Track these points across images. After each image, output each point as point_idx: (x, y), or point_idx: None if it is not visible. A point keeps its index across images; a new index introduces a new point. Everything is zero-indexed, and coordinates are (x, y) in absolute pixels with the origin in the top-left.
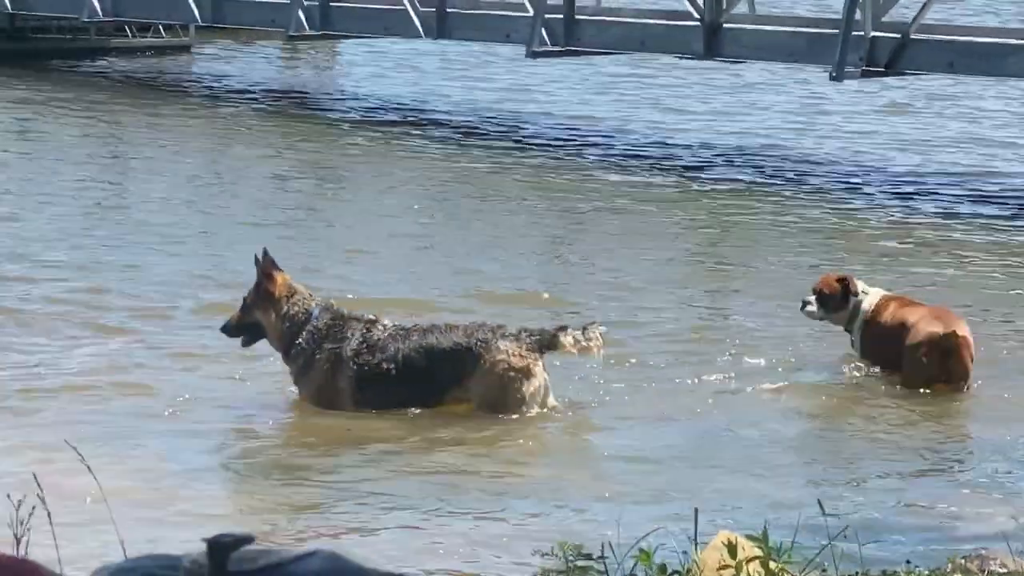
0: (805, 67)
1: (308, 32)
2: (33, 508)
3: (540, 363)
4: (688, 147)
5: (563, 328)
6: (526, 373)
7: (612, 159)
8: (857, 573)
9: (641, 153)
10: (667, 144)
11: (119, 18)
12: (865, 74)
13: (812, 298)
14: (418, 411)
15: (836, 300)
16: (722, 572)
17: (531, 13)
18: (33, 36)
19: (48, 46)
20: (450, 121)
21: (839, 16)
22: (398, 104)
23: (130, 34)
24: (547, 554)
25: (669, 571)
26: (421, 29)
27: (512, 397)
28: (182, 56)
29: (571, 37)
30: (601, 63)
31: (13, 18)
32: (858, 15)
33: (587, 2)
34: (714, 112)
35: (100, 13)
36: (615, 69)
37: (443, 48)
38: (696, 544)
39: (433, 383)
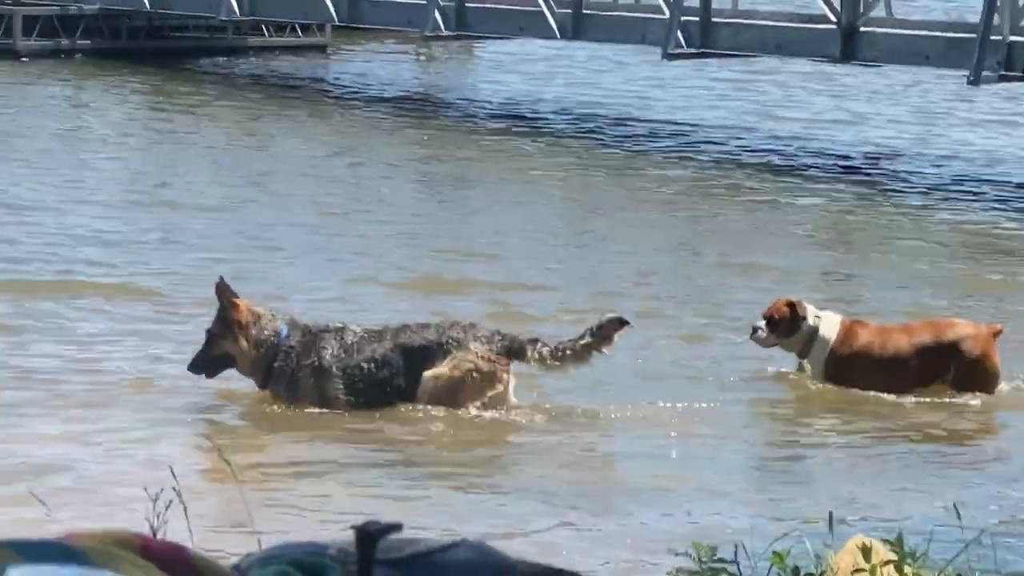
0: (942, 71)
1: (444, 32)
2: (170, 502)
3: (508, 367)
4: (812, 153)
5: (534, 341)
6: (492, 375)
7: (732, 162)
8: None
9: (761, 158)
10: (787, 150)
11: (256, 17)
12: (1002, 79)
13: (762, 323)
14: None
15: (786, 324)
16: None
17: (667, 15)
18: (171, 35)
19: (186, 45)
20: (580, 121)
21: (976, 21)
22: (529, 105)
23: (267, 33)
24: (681, 554)
25: (803, 574)
26: (556, 29)
27: (469, 395)
28: (318, 56)
29: (707, 39)
30: (712, 66)
31: (152, 17)
32: (996, 19)
33: (724, 4)
34: (832, 118)
35: (237, 12)
36: (731, 75)
37: (578, 48)
38: (831, 547)
39: (407, 379)
